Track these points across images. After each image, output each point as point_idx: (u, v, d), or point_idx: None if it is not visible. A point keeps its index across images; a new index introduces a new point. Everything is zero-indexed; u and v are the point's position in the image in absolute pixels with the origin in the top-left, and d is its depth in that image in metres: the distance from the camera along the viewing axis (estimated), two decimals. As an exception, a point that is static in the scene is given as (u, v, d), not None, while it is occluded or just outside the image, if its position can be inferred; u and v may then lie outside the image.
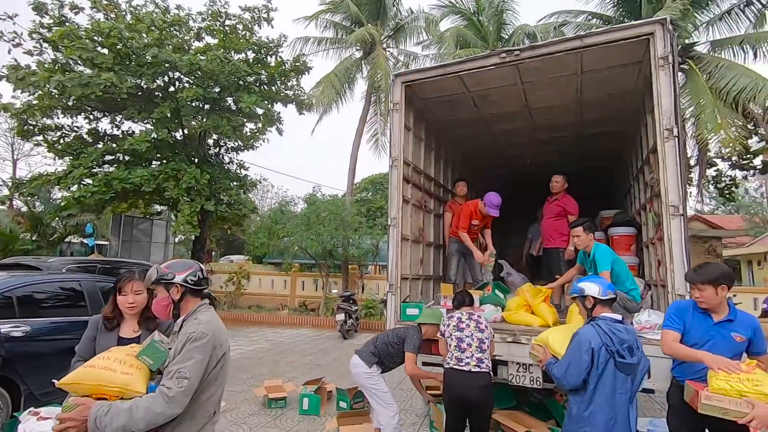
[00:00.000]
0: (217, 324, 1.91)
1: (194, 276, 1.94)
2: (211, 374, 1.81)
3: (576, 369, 2.31)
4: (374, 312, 12.07)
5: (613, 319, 2.41)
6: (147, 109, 11.77)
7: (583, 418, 2.30)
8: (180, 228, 11.93)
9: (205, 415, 1.81)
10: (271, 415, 4.77)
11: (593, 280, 2.60)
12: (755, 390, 1.95)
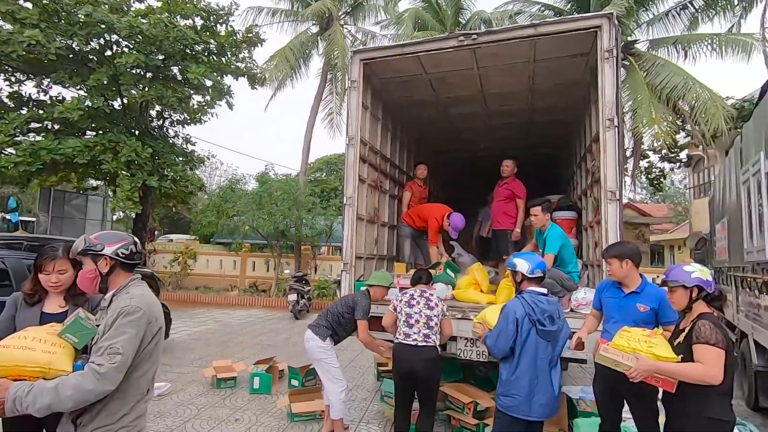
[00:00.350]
0: (150, 299, 1.82)
1: (126, 249, 1.82)
2: (145, 350, 1.72)
3: (504, 338, 2.53)
4: (327, 292, 12.08)
5: (537, 292, 2.64)
6: (80, 74, 10.77)
7: (511, 381, 2.52)
8: (119, 204, 11.17)
9: (137, 393, 1.72)
10: (220, 395, 4.69)
11: (526, 258, 2.78)
12: (648, 350, 2.22)
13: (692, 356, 2.08)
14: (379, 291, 3.76)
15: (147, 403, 1.81)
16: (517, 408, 2.48)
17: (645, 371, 2.13)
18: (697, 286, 2.19)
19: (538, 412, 2.49)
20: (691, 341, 2.11)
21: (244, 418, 4.07)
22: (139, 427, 1.75)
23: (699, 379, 2.02)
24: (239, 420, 4.02)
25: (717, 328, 2.07)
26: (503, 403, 2.53)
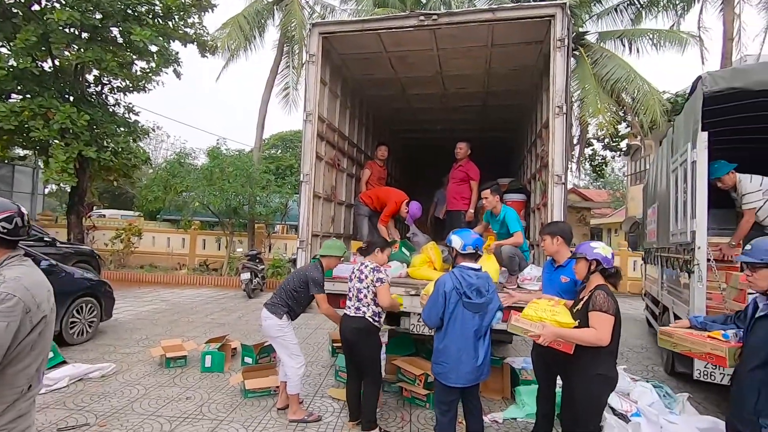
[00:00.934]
0: (31, 281, 1.57)
1: (9, 222, 1.58)
2: (23, 343, 1.49)
3: (434, 310, 2.71)
4: (281, 271, 11.92)
5: (467, 267, 2.81)
6: (3, 30, 9.67)
7: (440, 350, 2.71)
8: (53, 176, 10.31)
9: (14, 392, 1.50)
10: (169, 374, 4.57)
11: (461, 235, 2.94)
12: (552, 318, 2.54)
13: (588, 321, 2.43)
14: (332, 261, 3.79)
15: (30, 402, 1.59)
16: (446, 375, 2.66)
17: (550, 336, 2.44)
18: (596, 260, 2.55)
19: (464, 379, 2.66)
20: (587, 308, 2.45)
21: (195, 396, 4.01)
22: (21, 427, 1.53)
23: (592, 342, 2.37)
24: (190, 398, 3.96)
25: (609, 297, 2.43)
26: (436, 371, 2.72)
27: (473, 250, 2.85)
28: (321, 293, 3.61)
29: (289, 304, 3.64)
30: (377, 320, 3.37)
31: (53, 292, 1.71)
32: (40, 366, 1.61)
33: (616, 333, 2.43)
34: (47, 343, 1.63)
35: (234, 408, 3.79)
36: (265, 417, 3.64)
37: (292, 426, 3.50)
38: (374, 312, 3.35)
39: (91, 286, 5.78)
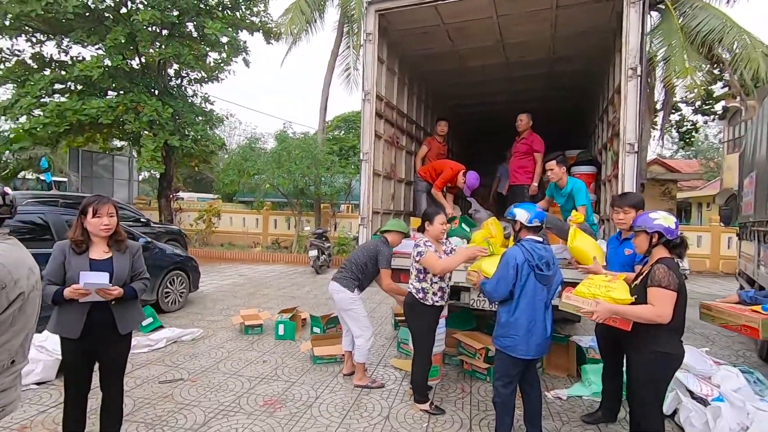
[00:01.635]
0: (10, 258, 1.54)
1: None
2: (0, 318, 1.47)
3: (504, 282, 2.67)
4: (346, 249, 12.38)
5: (535, 240, 2.77)
6: (97, 33, 10.80)
7: (510, 323, 2.67)
8: (145, 164, 11.52)
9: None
10: (248, 340, 5.04)
11: (525, 208, 2.85)
12: (606, 294, 2.41)
13: (646, 297, 2.28)
14: (396, 237, 3.89)
15: (14, 377, 1.58)
16: (515, 348, 2.64)
17: (604, 314, 2.34)
18: (657, 232, 2.37)
19: (534, 351, 2.67)
20: (646, 283, 2.30)
21: (270, 360, 4.39)
22: (3, 402, 1.54)
23: (649, 319, 2.24)
24: (266, 362, 4.35)
25: (671, 271, 2.26)
26: (503, 344, 2.69)
27: (539, 223, 2.80)
28: (388, 268, 3.75)
29: (359, 278, 3.80)
30: (420, 297, 3.36)
31: (145, 267, 1.96)
32: (23, 341, 1.60)
33: (680, 309, 2.27)
34: (29, 319, 1.62)
35: (304, 372, 4.11)
36: (332, 381, 3.91)
37: (357, 390, 3.72)
38: (416, 289, 3.39)
39: (180, 261, 6.47)
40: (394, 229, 3.88)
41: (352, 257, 3.90)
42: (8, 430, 2.91)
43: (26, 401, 3.32)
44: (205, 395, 3.55)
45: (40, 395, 3.44)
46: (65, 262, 2.35)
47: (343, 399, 3.56)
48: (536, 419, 2.84)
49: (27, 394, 3.43)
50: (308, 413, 3.29)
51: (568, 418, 3.35)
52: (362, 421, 3.20)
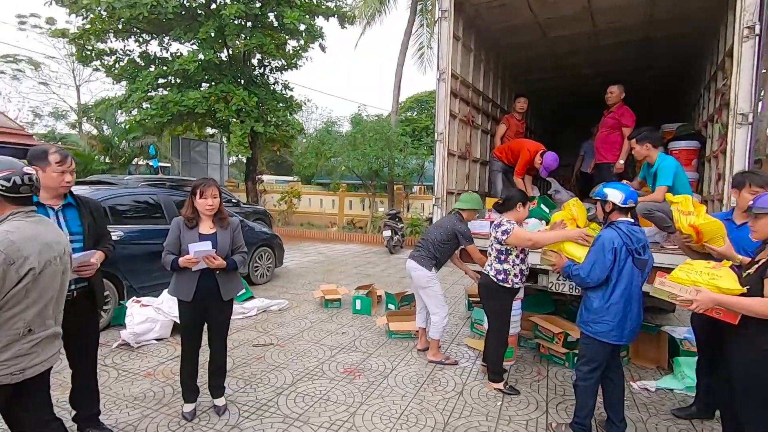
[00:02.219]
0: (22, 236, 1.67)
1: (7, 181, 1.69)
2: (13, 291, 1.62)
3: (600, 267, 2.53)
4: (419, 230, 12.48)
5: (630, 222, 2.60)
6: (192, 29, 11.78)
7: (604, 308, 2.55)
8: (233, 149, 12.50)
9: (10, 333, 1.66)
10: (328, 313, 5.38)
11: (618, 188, 2.66)
12: (710, 282, 2.13)
13: (762, 289, 1.98)
14: (471, 214, 3.91)
15: (33, 344, 1.72)
16: (608, 333, 2.53)
17: (706, 303, 2.08)
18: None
19: (627, 337, 2.56)
20: (763, 274, 1.99)
21: (349, 332, 4.67)
22: (22, 365, 1.70)
23: (764, 313, 1.93)
24: (345, 333, 4.64)
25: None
26: (594, 330, 2.57)
27: (633, 204, 2.64)
28: (472, 244, 3.79)
29: (436, 257, 3.87)
30: (501, 279, 3.33)
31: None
32: (41, 311, 1.73)
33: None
34: (45, 291, 1.74)
35: (380, 345, 4.32)
36: (407, 355, 4.07)
37: (431, 366, 3.84)
38: (497, 270, 3.35)
39: (267, 239, 7.03)
40: (469, 207, 3.88)
41: (429, 236, 3.95)
42: (137, 375, 3.47)
43: (149, 354, 3.91)
44: (292, 359, 3.90)
45: (159, 349, 4.02)
46: (180, 236, 2.72)
47: (418, 372, 3.70)
48: (619, 407, 2.73)
49: (149, 348, 4.04)
50: (385, 383, 3.48)
51: (656, 411, 3.17)
52: (436, 395, 3.31)
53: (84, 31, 11.81)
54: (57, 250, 1.81)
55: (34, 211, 1.81)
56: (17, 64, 23.40)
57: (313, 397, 3.21)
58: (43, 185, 2.24)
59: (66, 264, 1.88)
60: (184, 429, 2.74)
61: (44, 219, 1.86)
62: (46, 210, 2.28)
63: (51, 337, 1.82)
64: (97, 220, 2.48)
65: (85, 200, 2.48)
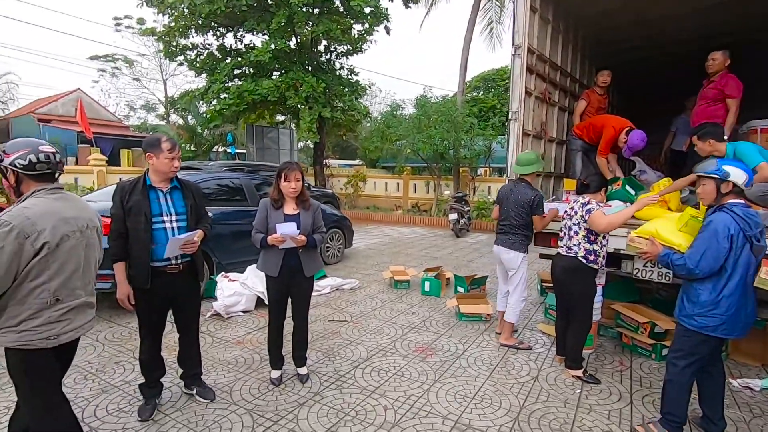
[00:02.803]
0: (38, 211, 1.74)
1: (23, 159, 1.78)
2: (30, 264, 1.71)
3: (713, 256, 2.27)
4: (486, 213, 12.20)
5: (745, 205, 2.35)
6: (264, 20, 12.27)
7: (713, 301, 2.31)
8: (302, 135, 13.00)
9: (38, 302, 1.77)
10: (397, 293, 5.50)
11: (740, 167, 2.38)
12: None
13: None
14: (534, 176, 3.88)
15: (62, 312, 1.83)
16: (717, 328, 2.31)
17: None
18: None
19: (738, 331, 2.34)
20: None
21: (419, 313, 4.75)
22: (55, 331, 1.82)
23: None
24: (415, 314, 4.72)
25: None
26: (700, 324, 2.34)
27: (749, 187, 2.40)
28: (542, 214, 3.72)
29: (527, 236, 3.80)
30: (591, 260, 3.20)
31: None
32: (66, 282, 1.82)
33: None
34: (66, 263, 1.82)
35: (451, 326, 4.34)
36: (478, 338, 4.05)
37: (504, 349, 3.80)
38: (587, 251, 3.20)
39: (337, 221, 7.29)
40: (533, 170, 3.80)
41: (510, 218, 3.79)
42: (228, 342, 3.82)
43: (237, 324, 4.27)
44: (365, 336, 4.06)
45: (246, 320, 4.38)
46: (267, 216, 2.91)
47: (490, 355, 3.68)
48: (718, 404, 2.53)
49: (237, 318, 4.41)
50: (457, 363, 3.51)
51: (761, 411, 2.89)
52: (510, 378, 3.28)
53: (169, 29, 12.80)
54: (76, 224, 1.87)
55: (59, 189, 1.90)
56: (115, 62, 26.06)
57: (387, 372, 3.33)
58: (155, 170, 2.53)
59: (90, 238, 1.95)
60: (273, 392, 2.99)
61: (68, 195, 1.93)
62: (157, 192, 2.56)
63: (83, 306, 1.93)
64: (198, 201, 2.74)
65: (187, 183, 2.74)
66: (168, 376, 2.92)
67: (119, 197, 2.51)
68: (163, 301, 2.64)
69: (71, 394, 2.89)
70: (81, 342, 3.71)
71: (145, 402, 2.70)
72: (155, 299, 2.58)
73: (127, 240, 2.49)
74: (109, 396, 2.89)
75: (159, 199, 2.57)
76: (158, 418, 2.64)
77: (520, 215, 3.74)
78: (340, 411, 2.77)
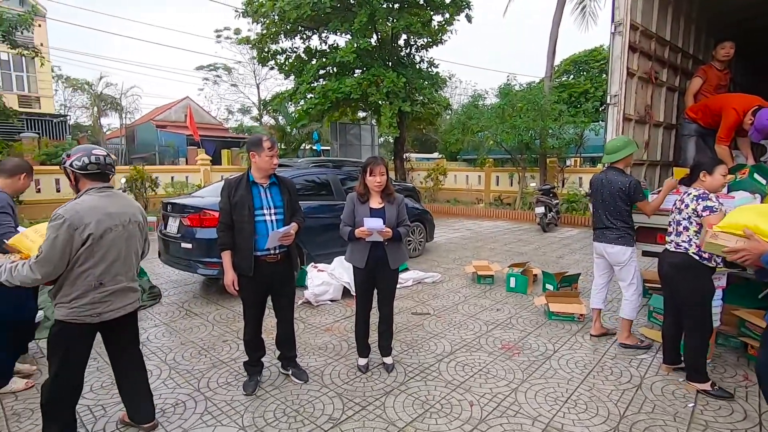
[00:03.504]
0: (87, 206, 2.05)
1: (78, 161, 2.10)
2: (79, 252, 2.02)
3: None
4: (576, 207, 11.38)
5: None
6: (347, 19, 12.65)
7: None
8: (384, 130, 13.21)
9: (85, 285, 2.07)
10: (480, 288, 5.38)
11: None
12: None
13: None
14: (628, 160, 3.58)
15: (106, 294, 2.12)
16: None
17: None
18: None
19: None
20: None
21: (504, 309, 4.59)
22: (98, 310, 2.12)
23: None
24: (500, 310, 4.57)
25: None
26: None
27: None
28: (646, 200, 3.47)
29: (629, 227, 3.52)
30: (706, 257, 2.82)
31: None
32: (108, 269, 2.12)
33: None
34: (108, 252, 2.11)
35: (539, 325, 4.14)
36: (570, 339, 3.81)
37: (599, 353, 3.53)
38: (700, 247, 2.83)
39: (419, 214, 7.32)
40: (621, 157, 3.48)
41: (608, 212, 3.51)
42: (318, 329, 4.05)
43: (326, 312, 4.51)
44: (449, 330, 4.04)
45: (334, 309, 4.60)
46: (354, 210, 3.02)
47: (584, 358, 3.44)
48: None
49: (325, 307, 4.66)
50: (547, 364, 3.34)
51: None
52: (608, 384, 3.04)
53: (262, 36, 13.77)
54: (119, 219, 2.16)
55: (108, 188, 2.21)
56: (216, 71, 28.81)
57: (472, 367, 3.28)
58: (257, 167, 2.76)
59: (131, 231, 2.23)
60: (360, 379, 3.11)
61: (115, 193, 2.23)
62: (258, 188, 2.80)
63: (124, 290, 2.22)
64: (293, 195, 2.93)
65: (284, 179, 2.95)
66: (267, 357, 3.19)
67: (227, 193, 2.78)
68: (263, 287, 2.87)
69: (189, 366, 3.29)
70: (193, 321, 4.23)
71: (248, 378, 2.98)
72: (257, 285, 2.83)
73: (233, 231, 2.76)
74: (218, 371, 3.24)
75: (260, 193, 2.80)
76: (260, 394, 2.90)
77: (618, 206, 3.45)
78: (426, 402, 2.79)
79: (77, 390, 2.27)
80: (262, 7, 12.70)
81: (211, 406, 2.76)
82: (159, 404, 2.73)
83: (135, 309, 2.35)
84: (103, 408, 2.73)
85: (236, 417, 2.63)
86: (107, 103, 29.65)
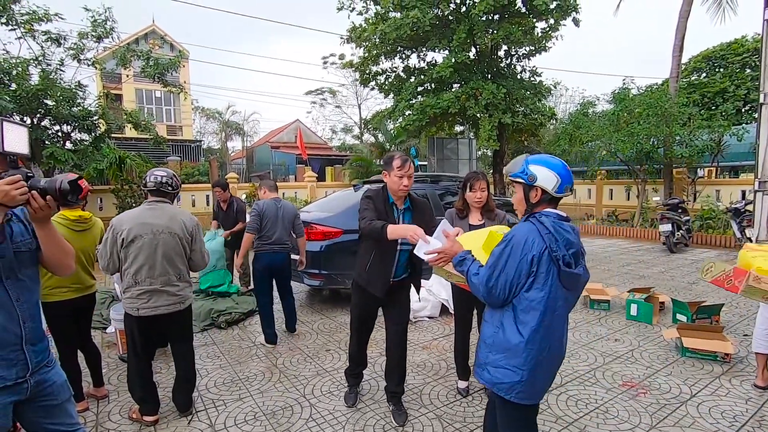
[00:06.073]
0: (130, 215, 2.52)
1: (144, 179, 2.64)
2: (122, 253, 2.49)
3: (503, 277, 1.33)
4: (713, 224, 9.75)
5: (559, 216, 1.73)
6: (446, 36, 12.72)
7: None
8: (483, 144, 12.88)
9: (126, 281, 2.52)
10: (594, 314, 4.85)
11: (549, 165, 1.73)
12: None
13: None
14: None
15: (141, 291, 2.50)
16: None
17: None
18: None
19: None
20: None
21: (624, 340, 4.07)
22: (136, 305, 2.52)
23: None
24: (619, 340, 4.06)
25: None
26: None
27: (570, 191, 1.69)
28: None
29: None
30: None
31: None
32: (140, 269, 2.50)
33: None
34: (138, 256, 2.48)
35: (670, 362, 3.57)
36: (713, 382, 3.21)
37: (757, 403, 2.90)
38: None
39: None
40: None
41: None
42: (417, 346, 4.00)
43: (424, 329, 4.45)
44: (558, 358, 3.69)
45: (432, 326, 4.53)
46: (452, 225, 2.94)
47: (734, 408, 2.86)
48: None
49: (423, 323, 4.61)
50: (682, 409, 2.85)
51: None
52: (769, 444, 2.48)
53: (364, 59, 14.50)
54: (151, 228, 2.52)
55: (157, 202, 2.61)
56: (322, 94, 31.14)
57: (587, 404, 2.94)
58: (389, 187, 2.58)
59: (163, 239, 2.54)
60: (460, 402, 2.98)
61: (161, 207, 2.60)
62: (395, 209, 2.58)
63: (157, 291, 2.54)
64: (427, 218, 2.64)
65: (418, 204, 2.71)
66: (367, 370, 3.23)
67: (373, 203, 2.55)
68: (378, 303, 2.78)
69: (296, 371, 3.49)
70: (299, 328, 4.48)
71: (349, 390, 3.04)
72: (373, 301, 2.73)
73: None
74: (322, 379, 3.37)
75: (396, 216, 2.58)
76: (360, 407, 2.94)
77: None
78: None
79: (145, 371, 2.69)
80: (364, 32, 13.41)
81: (315, 413, 2.88)
82: (270, 405, 2.93)
83: (178, 310, 2.65)
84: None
85: (338, 427, 2.70)
86: (232, 128, 33.79)
